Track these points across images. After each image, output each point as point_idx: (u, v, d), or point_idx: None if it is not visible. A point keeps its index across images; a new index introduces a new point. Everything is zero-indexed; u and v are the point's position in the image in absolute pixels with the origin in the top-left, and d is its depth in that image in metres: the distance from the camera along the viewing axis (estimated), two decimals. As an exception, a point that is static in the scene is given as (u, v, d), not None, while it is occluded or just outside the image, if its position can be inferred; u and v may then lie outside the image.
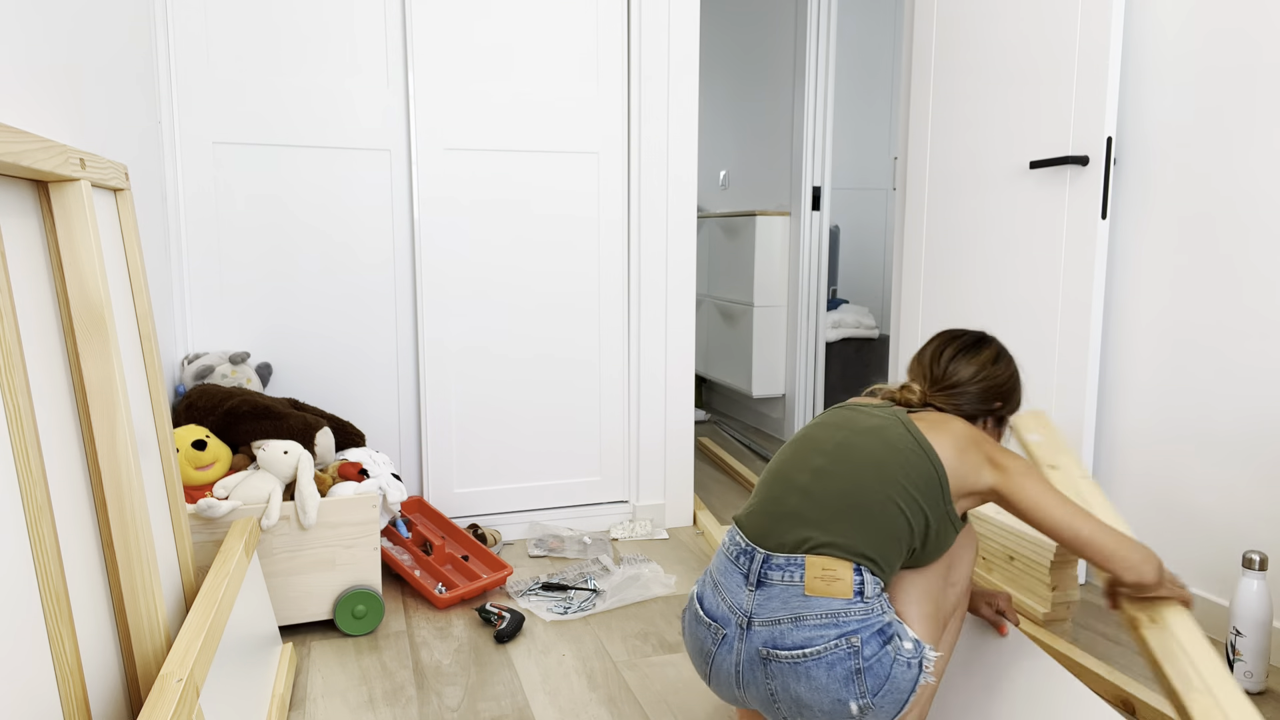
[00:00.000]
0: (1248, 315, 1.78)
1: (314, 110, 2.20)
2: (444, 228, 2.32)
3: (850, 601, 1.13)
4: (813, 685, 1.12)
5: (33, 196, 1.04)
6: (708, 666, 1.22)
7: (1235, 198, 1.79)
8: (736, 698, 1.22)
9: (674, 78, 2.41)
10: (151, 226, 1.94)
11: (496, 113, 2.32)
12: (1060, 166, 2.11)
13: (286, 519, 1.77)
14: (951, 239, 2.51)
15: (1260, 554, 1.60)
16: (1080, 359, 2.08)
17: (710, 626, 1.21)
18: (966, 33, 2.43)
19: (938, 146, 2.56)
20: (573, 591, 2.05)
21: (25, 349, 0.96)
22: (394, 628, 1.88)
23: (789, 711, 1.15)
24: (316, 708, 1.55)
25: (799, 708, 1.14)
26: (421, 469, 2.40)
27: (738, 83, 4.03)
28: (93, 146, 1.51)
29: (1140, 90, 1.99)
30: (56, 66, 1.33)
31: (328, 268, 2.26)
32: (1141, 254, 2.00)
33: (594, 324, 2.48)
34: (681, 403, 2.54)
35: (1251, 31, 1.75)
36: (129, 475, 1.10)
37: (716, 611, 1.21)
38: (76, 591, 1.00)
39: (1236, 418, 1.81)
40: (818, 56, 3.40)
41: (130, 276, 1.35)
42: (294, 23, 2.16)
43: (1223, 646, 1.80)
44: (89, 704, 0.97)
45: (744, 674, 1.18)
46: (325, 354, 2.29)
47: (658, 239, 2.46)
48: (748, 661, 1.17)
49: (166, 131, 2.09)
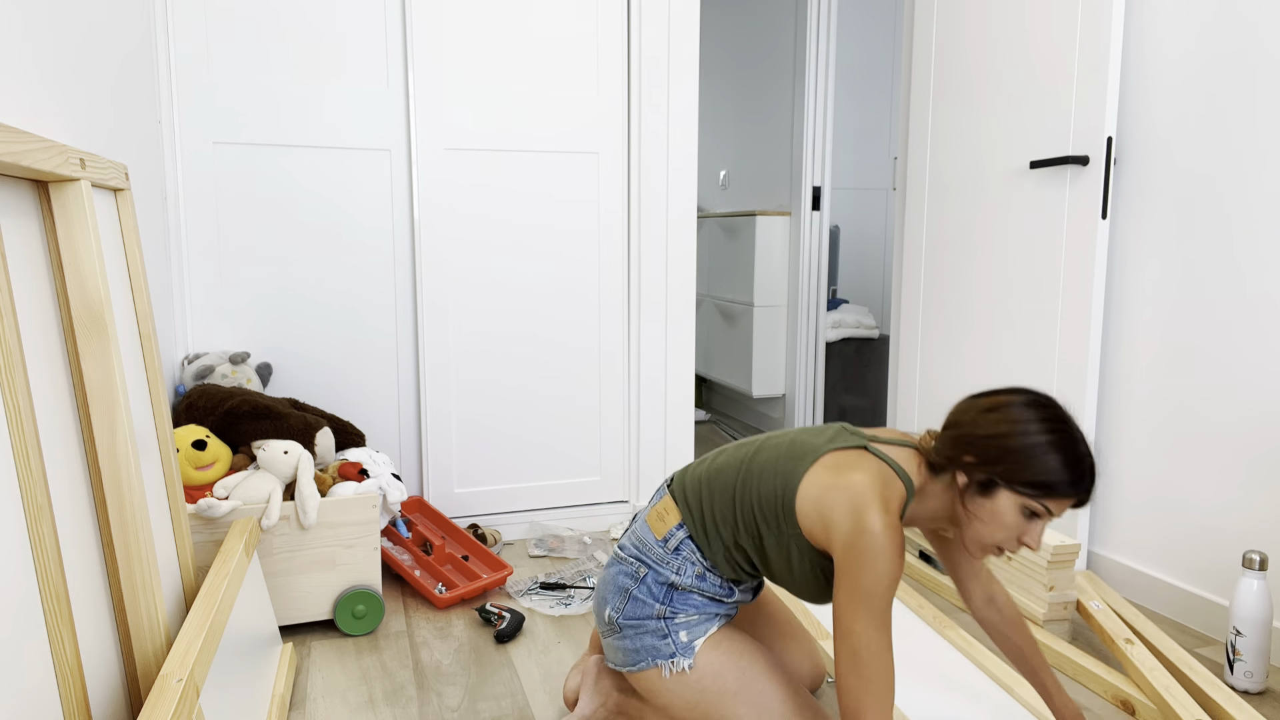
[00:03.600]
0: (1248, 315, 1.78)
1: (314, 110, 2.20)
2: (444, 228, 2.32)
3: (659, 541, 1.31)
4: (603, 580, 1.36)
5: (33, 196, 1.04)
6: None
7: (1236, 197, 1.79)
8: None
9: (674, 78, 2.41)
10: (151, 226, 1.94)
11: (497, 113, 2.32)
12: (1060, 166, 2.11)
13: (286, 519, 1.77)
14: (951, 239, 2.51)
15: (1260, 554, 1.60)
16: (1080, 359, 2.08)
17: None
18: (966, 32, 2.43)
19: (938, 146, 2.56)
20: (571, 590, 2.05)
21: (25, 349, 0.96)
22: (394, 628, 1.88)
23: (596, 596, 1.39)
24: (316, 708, 1.55)
25: (596, 596, 1.38)
26: (421, 469, 2.40)
27: (738, 82, 4.03)
28: (93, 146, 1.51)
29: (1140, 90, 1.99)
30: (57, 66, 1.33)
31: (328, 268, 2.26)
32: (1141, 254, 2.00)
33: (594, 324, 2.48)
34: (681, 403, 2.54)
35: (1251, 31, 1.75)
36: (129, 475, 1.10)
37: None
38: (76, 591, 1.00)
39: (1237, 417, 1.81)
40: (818, 56, 3.40)
41: (130, 276, 1.35)
42: (294, 23, 2.16)
43: (1223, 646, 1.80)
44: (89, 704, 0.97)
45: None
46: (325, 354, 2.29)
47: (658, 239, 2.46)
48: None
49: (166, 131, 2.09)
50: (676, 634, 1.28)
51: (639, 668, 1.30)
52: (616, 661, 1.34)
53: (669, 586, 1.30)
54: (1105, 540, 2.12)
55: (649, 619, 1.29)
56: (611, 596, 1.33)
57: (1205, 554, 1.88)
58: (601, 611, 1.34)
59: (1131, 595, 2.04)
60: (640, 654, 1.30)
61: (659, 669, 1.28)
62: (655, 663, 1.28)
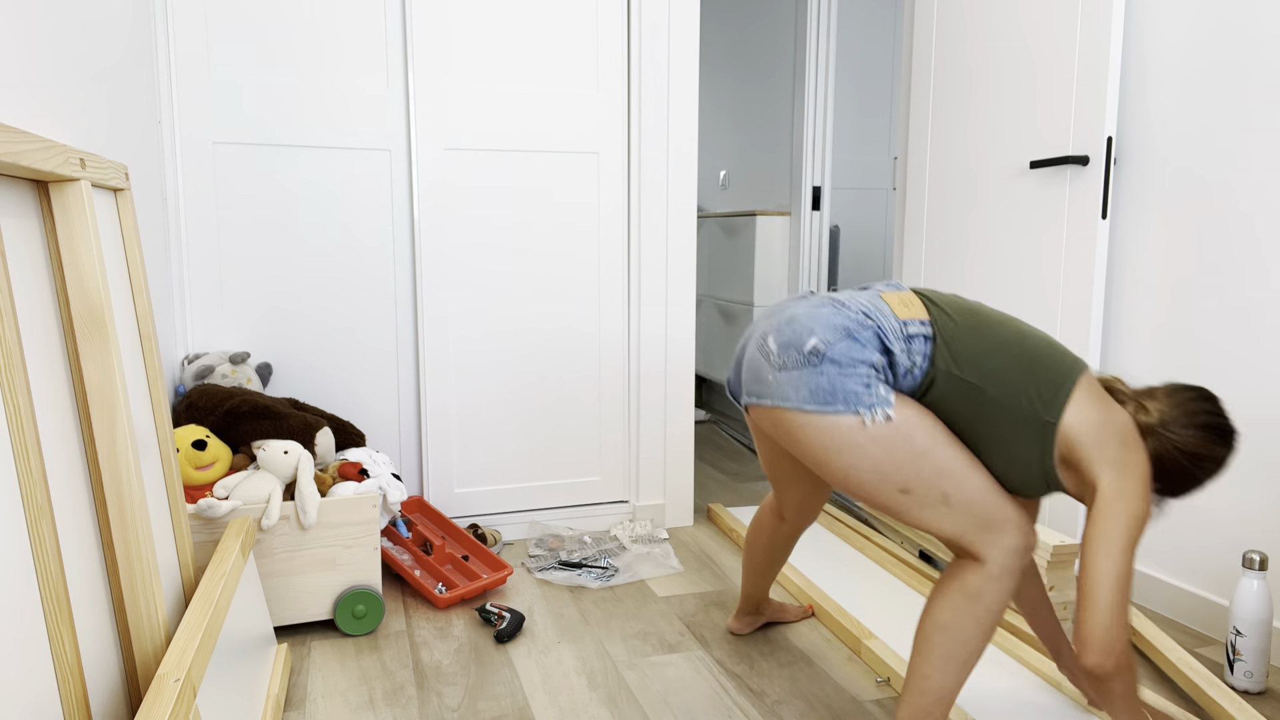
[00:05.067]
0: (1248, 315, 1.78)
1: (314, 110, 2.20)
2: (444, 227, 2.32)
3: (899, 320, 1.24)
4: (806, 316, 1.25)
5: (33, 196, 1.04)
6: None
7: (1236, 197, 1.79)
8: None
9: (674, 78, 2.41)
10: (151, 226, 1.94)
11: (497, 113, 2.32)
12: (1060, 166, 2.11)
13: (287, 519, 1.77)
14: (951, 239, 2.51)
15: (1260, 554, 1.60)
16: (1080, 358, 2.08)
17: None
18: (966, 32, 2.43)
19: (938, 146, 2.56)
20: (583, 570, 2.05)
21: (25, 349, 0.96)
22: (394, 628, 1.88)
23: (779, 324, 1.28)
24: (317, 708, 1.55)
25: (789, 329, 1.25)
26: (421, 469, 2.40)
27: (738, 83, 4.03)
28: (93, 146, 1.51)
29: (1140, 90, 1.99)
30: (56, 66, 1.33)
31: (328, 268, 2.26)
32: (1141, 254, 2.00)
33: (594, 324, 2.48)
34: (681, 403, 2.54)
35: (1252, 31, 1.75)
36: (129, 475, 1.10)
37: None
38: (76, 591, 1.00)
39: (1238, 417, 1.81)
40: (818, 56, 3.40)
41: (130, 276, 1.35)
42: (294, 23, 2.16)
43: (1223, 646, 1.80)
44: (89, 704, 0.97)
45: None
46: (325, 354, 2.29)
47: (658, 239, 2.46)
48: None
49: (166, 131, 2.09)
50: (878, 386, 1.20)
51: (833, 410, 1.19)
52: (796, 399, 1.21)
53: (888, 351, 1.23)
54: (1105, 540, 2.11)
55: (862, 363, 1.20)
56: (822, 329, 1.21)
57: (1205, 554, 1.88)
58: (800, 340, 1.22)
59: (1131, 595, 2.04)
60: (838, 395, 1.19)
61: (860, 417, 1.19)
62: (856, 410, 1.19)
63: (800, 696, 1.60)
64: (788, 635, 1.84)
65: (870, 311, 1.25)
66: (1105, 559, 1.14)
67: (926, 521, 1.23)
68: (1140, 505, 1.16)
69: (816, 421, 1.20)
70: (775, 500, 1.67)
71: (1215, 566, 1.86)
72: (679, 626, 1.89)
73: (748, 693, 1.61)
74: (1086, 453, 1.19)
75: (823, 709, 1.55)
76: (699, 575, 2.18)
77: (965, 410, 1.24)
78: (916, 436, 1.20)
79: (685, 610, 1.97)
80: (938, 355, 1.24)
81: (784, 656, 1.75)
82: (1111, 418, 1.20)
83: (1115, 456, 1.18)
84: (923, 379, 1.25)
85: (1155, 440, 1.23)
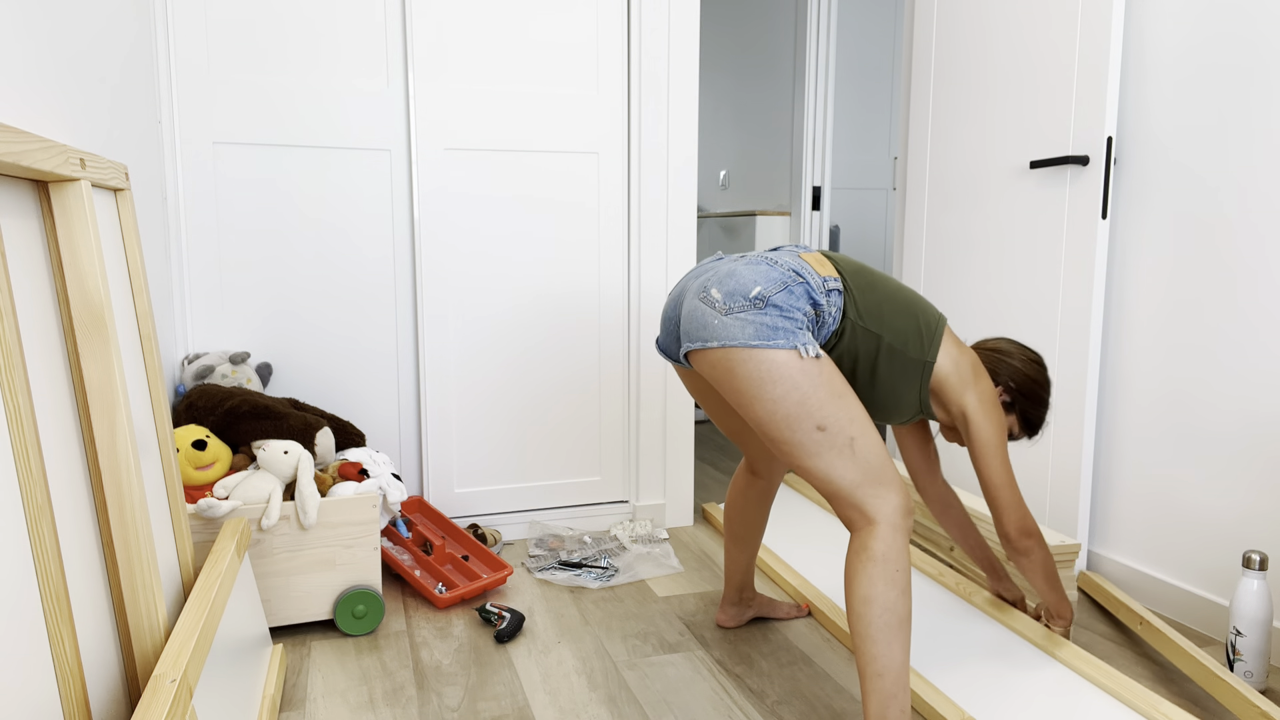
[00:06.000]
0: (1248, 315, 1.78)
1: (314, 110, 2.20)
2: (444, 228, 2.32)
3: (820, 277, 1.41)
4: (744, 270, 1.39)
5: (33, 196, 1.04)
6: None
7: (1235, 197, 1.79)
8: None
9: (674, 78, 2.41)
10: (151, 226, 1.94)
11: (497, 113, 2.32)
12: (1060, 166, 2.11)
13: (287, 519, 1.77)
14: (951, 238, 2.51)
15: (1260, 554, 1.60)
16: (1080, 359, 2.08)
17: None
18: (966, 32, 2.43)
19: (938, 146, 2.56)
20: (583, 570, 2.05)
21: (25, 349, 0.96)
22: (394, 628, 1.88)
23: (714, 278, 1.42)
24: (316, 708, 1.55)
25: (730, 280, 1.39)
26: (421, 469, 2.40)
27: (738, 83, 4.03)
28: (93, 146, 1.51)
29: (1140, 90, 1.99)
30: (57, 66, 1.33)
31: (328, 268, 2.26)
32: (1141, 254, 2.00)
33: (594, 324, 2.48)
34: (681, 403, 2.54)
35: (1251, 31, 1.75)
36: (129, 475, 1.10)
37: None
38: (76, 591, 1.00)
39: (1237, 417, 1.81)
40: (818, 56, 3.40)
41: (130, 276, 1.35)
42: (294, 23, 2.16)
43: (1223, 646, 1.80)
44: (89, 703, 0.98)
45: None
46: (325, 354, 2.29)
47: (658, 239, 2.46)
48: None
49: (166, 131, 2.09)
50: (804, 332, 1.35)
51: (773, 344, 1.32)
52: (742, 337, 1.33)
53: (815, 305, 1.39)
54: (1105, 540, 2.12)
55: (797, 310, 1.35)
56: (763, 280, 1.36)
57: (1205, 554, 1.88)
58: (746, 289, 1.35)
59: (1131, 595, 2.04)
60: (778, 332, 1.32)
61: (796, 351, 1.32)
62: (793, 344, 1.32)
63: (800, 696, 1.60)
64: (788, 635, 1.84)
65: (799, 269, 1.41)
66: (995, 462, 1.52)
67: (829, 466, 1.33)
68: (999, 414, 1.53)
69: (758, 355, 1.33)
70: (745, 459, 1.79)
71: (1215, 566, 1.86)
72: (679, 626, 1.89)
73: (748, 693, 1.61)
74: (953, 383, 1.50)
75: (823, 709, 1.55)
76: (699, 575, 2.18)
77: (864, 356, 1.44)
78: (835, 381, 1.35)
79: (685, 610, 1.97)
80: (849, 308, 1.43)
81: (784, 656, 1.75)
82: (967, 356, 1.52)
83: (973, 384, 1.51)
84: (834, 330, 1.43)
85: (1005, 369, 1.61)
